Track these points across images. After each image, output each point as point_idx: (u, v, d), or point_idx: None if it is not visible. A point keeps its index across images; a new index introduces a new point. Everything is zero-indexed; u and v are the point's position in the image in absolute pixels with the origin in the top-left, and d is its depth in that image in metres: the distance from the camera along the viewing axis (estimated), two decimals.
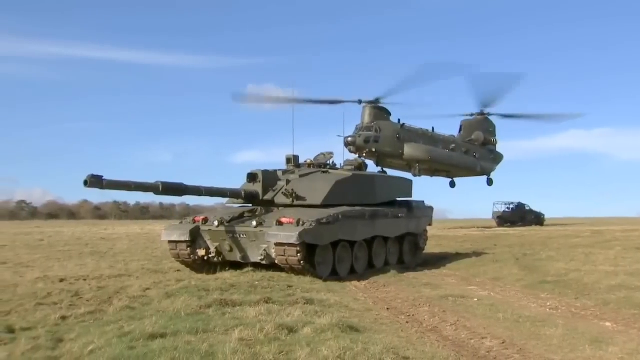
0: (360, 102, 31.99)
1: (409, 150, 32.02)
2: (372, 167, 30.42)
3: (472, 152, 36.08)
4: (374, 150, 30.49)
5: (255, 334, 5.77)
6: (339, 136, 30.93)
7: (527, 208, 49.75)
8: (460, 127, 37.46)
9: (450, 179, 37.17)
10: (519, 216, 48.84)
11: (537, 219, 48.73)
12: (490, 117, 37.54)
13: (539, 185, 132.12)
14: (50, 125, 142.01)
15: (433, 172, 35.12)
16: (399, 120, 32.44)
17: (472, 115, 37.18)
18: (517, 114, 37.37)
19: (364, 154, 30.03)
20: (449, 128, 37.27)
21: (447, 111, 40.75)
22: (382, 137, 30.84)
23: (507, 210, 50.06)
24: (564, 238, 24.93)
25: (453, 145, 35.18)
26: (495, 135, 37.97)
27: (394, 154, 31.49)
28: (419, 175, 32.76)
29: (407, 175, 29.88)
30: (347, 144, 30.22)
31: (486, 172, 37.65)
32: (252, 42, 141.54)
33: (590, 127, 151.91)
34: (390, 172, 25.73)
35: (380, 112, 32.07)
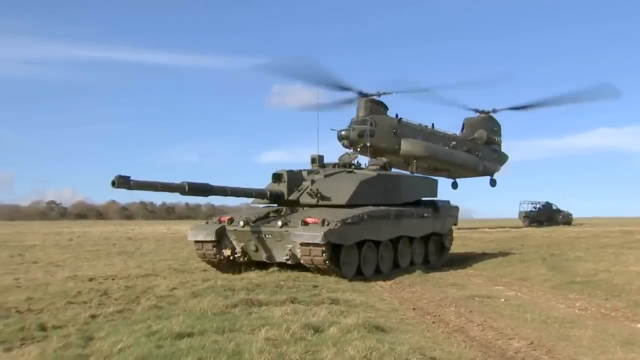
0: (360, 94, 30.94)
1: (406, 145, 30.78)
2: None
3: (474, 151, 34.63)
4: (368, 144, 28.57)
5: (282, 333, 5.79)
6: (332, 130, 29.97)
7: (554, 207, 49.08)
8: (463, 125, 36.11)
9: (452, 180, 35.66)
10: (546, 216, 48.20)
11: (564, 218, 48.06)
12: (496, 116, 36.30)
13: (567, 185, 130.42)
14: (80, 127, 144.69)
15: (432, 170, 33.10)
16: (397, 115, 31.27)
17: (476, 112, 35.97)
18: (525, 105, 35.63)
19: (358, 149, 28.59)
20: (452, 127, 36.48)
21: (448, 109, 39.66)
22: (377, 132, 29.64)
23: (533, 209, 49.43)
24: (592, 238, 24.53)
25: (454, 143, 33.71)
26: (500, 135, 36.71)
27: (390, 149, 29.88)
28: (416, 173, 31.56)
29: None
30: (340, 138, 29.39)
31: (489, 172, 36.19)
32: (278, 42, 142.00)
33: (620, 125, 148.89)
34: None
35: (376, 105, 30.95)
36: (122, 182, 10.01)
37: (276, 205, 12.99)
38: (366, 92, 31.15)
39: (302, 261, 11.06)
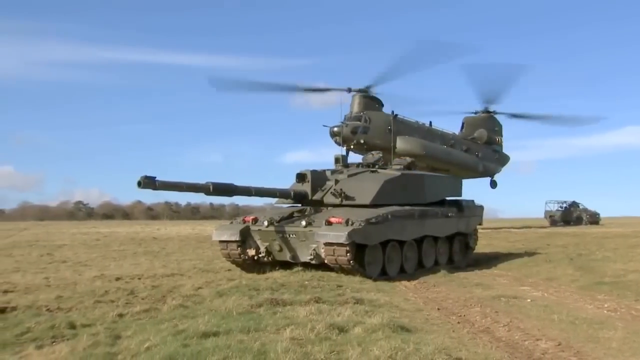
0: (349, 90, 30.09)
1: (401, 143, 29.54)
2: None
3: (473, 151, 33.53)
4: (362, 142, 27.87)
5: (306, 333, 5.80)
6: (324, 126, 29.09)
7: (581, 207, 48.41)
8: (463, 124, 35.11)
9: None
10: (573, 215, 47.54)
11: (591, 218, 47.34)
12: (497, 117, 35.27)
13: (594, 184, 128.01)
14: (108, 127, 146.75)
15: (430, 170, 31.38)
16: (393, 111, 30.06)
17: (476, 112, 34.93)
18: (525, 114, 34.93)
19: (352, 146, 28.06)
20: (451, 127, 35.58)
21: (449, 108, 38.78)
22: (371, 128, 28.63)
23: (560, 209, 48.83)
24: (621, 238, 24.11)
25: (452, 142, 32.65)
26: (501, 135, 35.60)
27: (384, 147, 27.42)
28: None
29: None
30: (332, 135, 28.43)
31: (489, 173, 35.03)
32: (302, 42, 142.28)
33: None
34: None
35: (371, 101, 29.97)
36: (148, 182, 10.12)
37: (300, 205, 13.03)
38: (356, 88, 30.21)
39: (326, 261, 11.07)
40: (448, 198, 15.05)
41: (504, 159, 36.14)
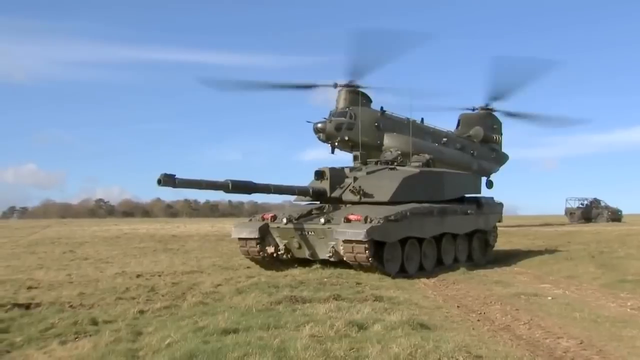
0: (335, 85, 28.99)
1: (389, 141, 28.05)
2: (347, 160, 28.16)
3: (468, 149, 32.04)
4: (346, 138, 26.94)
5: (326, 330, 5.81)
6: (308, 122, 28.16)
7: (602, 204, 47.72)
8: (459, 121, 33.60)
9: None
10: (594, 212, 46.92)
11: (613, 215, 46.61)
12: (495, 114, 33.84)
13: (616, 180, 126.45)
14: (129, 126, 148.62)
15: None
16: (382, 107, 28.94)
17: (474, 109, 33.49)
18: (522, 113, 33.60)
19: (336, 143, 27.35)
20: (448, 124, 34.45)
21: (448, 103, 36.94)
22: (357, 125, 27.00)
23: (580, 206, 48.20)
24: None
25: (445, 140, 31.14)
26: (500, 133, 34.12)
27: (371, 144, 26.89)
28: None
29: None
30: (316, 131, 27.63)
31: (485, 172, 33.17)
32: (321, 40, 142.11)
33: None
34: None
35: (357, 97, 28.29)
36: (168, 180, 10.19)
37: (319, 202, 13.04)
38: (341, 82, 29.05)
39: (345, 258, 11.07)
40: (467, 195, 14.96)
41: (501, 158, 34.74)
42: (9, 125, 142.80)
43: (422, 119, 30.79)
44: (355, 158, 14.39)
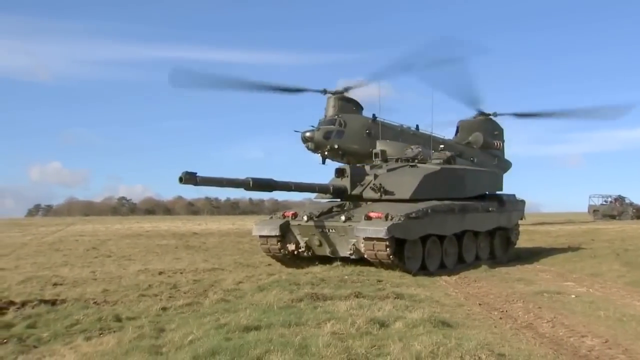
0: (324, 92, 27.79)
1: (380, 148, 26.28)
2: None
3: (467, 156, 29.89)
4: (336, 147, 25.82)
5: (347, 327, 5.81)
6: (296, 131, 27.01)
7: (627, 201, 47.00)
8: (457, 128, 31.89)
9: None
10: (618, 210, 46.22)
11: (638, 212, 45.90)
12: (497, 119, 32.23)
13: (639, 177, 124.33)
14: (152, 124, 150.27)
15: None
16: (374, 114, 27.28)
17: (475, 116, 31.93)
18: (532, 113, 32.28)
19: (325, 152, 26.14)
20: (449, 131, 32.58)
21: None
22: (346, 133, 26.12)
23: (604, 203, 47.53)
24: None
25: (442, 147, 28.62)
26: (502, 139, 32.40)
27: (361, 152, 25.37)
28: None
29: None
30: (304, 140, 26.54)
31: None
32: (343, 37, 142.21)
33: None
34: None
35: (347, 103, 27.43)
36: (189, 178, 10.28)
37: (339, 200, 13.04)
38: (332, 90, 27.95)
39: (365, 256, 11.05)
40: (489, 192, 14.85)
41: (505, 165, 32.78)
42: (34, 124, 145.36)
43: (417, 125, 29.51)
44: (375, 155, 14.37)
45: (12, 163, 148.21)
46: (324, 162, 27.36)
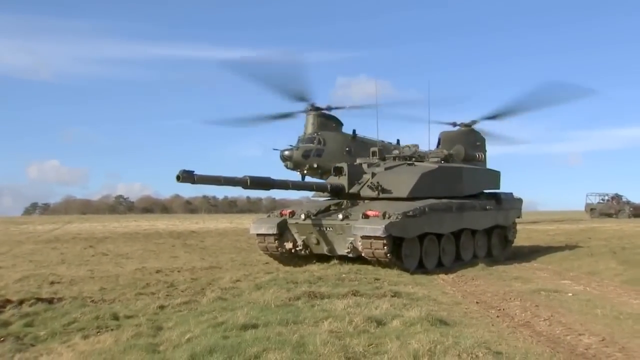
0: (307, 110, 26.93)
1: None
2: None
3: None
4: (315, 166, 25.54)
5: (344, 326, 5.82)
6: (275, 150, 26.58)
7: (624, 199, 47.12)
8: (439, 140, 31.46)
9: None
10: (615, 208, 46.34)
11: (635, 210, 46.00)
12: (478, 129, 31.56)
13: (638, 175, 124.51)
14: (150, 122, 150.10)
15: None
16: (354, 130, 26.91)
17: (455, 125, 29.24)
18: (497, 113, 32.01)
19: (305, 171, 25.75)
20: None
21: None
22: (326, 151, 25.68)
23: (601, 201, 47.65)
24: None
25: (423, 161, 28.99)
26: (483, 150, 32.60)
27: None
28: None
29: None
30: (283, 159, 26.09)
31: None
32: (343, 35, 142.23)
33: None
34: None
35: (327, 120, 26.83)
36: (187, 176, 10.27)
37: (337, 198, 13.04)
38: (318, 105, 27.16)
39: (363, 254, 11.06)
40: (486, 191, 14.87)
41: None
42: (33, 122, 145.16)
43: (398, 140, 27.98)
44: (373, 154, 14.37)
45: (11, 161, 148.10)
46: (303, 179, 26.30)
